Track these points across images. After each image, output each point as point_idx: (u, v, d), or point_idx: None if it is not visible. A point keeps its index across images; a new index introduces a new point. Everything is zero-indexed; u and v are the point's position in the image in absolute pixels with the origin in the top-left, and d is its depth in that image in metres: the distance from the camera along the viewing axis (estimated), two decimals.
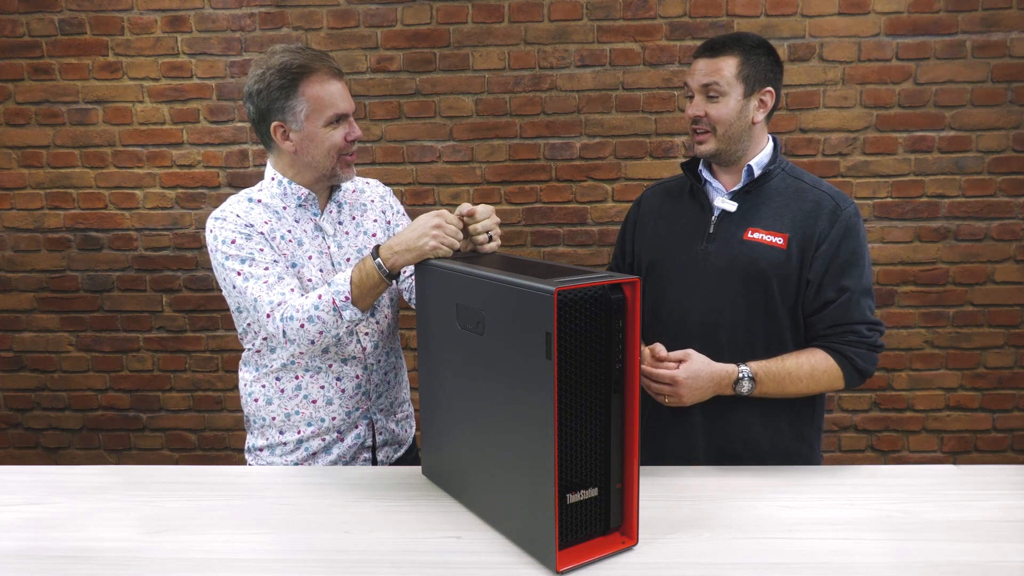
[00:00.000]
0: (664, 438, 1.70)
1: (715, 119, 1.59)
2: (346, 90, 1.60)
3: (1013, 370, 2.97)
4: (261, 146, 2.96)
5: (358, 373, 1.69)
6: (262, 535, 1.28)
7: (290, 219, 1.65)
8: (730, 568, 1.15)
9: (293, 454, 1.70)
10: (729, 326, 1.61)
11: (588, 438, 1.16)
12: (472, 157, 2.97)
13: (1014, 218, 2.89)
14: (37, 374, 3.18)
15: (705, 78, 1.60)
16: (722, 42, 1.61)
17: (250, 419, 1.74)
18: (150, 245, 3.07)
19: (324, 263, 1.66)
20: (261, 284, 1.55)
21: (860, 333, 1.57)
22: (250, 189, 1.68)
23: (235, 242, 1.57)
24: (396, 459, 1.80)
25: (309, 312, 1.50)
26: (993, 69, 2.81)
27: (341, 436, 1.70)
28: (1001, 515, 1.30)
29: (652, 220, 1.77)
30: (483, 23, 2.88)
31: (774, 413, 1.63)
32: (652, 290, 1.72)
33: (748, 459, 1.62)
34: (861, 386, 2.95)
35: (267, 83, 1.55)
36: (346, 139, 1.60)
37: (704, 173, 1.70)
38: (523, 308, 1.12)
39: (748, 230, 1.61)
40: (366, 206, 1.77)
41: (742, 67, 1.59)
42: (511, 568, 1.17)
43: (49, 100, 3.00)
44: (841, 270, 1.57)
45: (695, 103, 1.62)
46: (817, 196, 1.61)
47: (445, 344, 1.37)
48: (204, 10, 2.92)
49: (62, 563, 1.21)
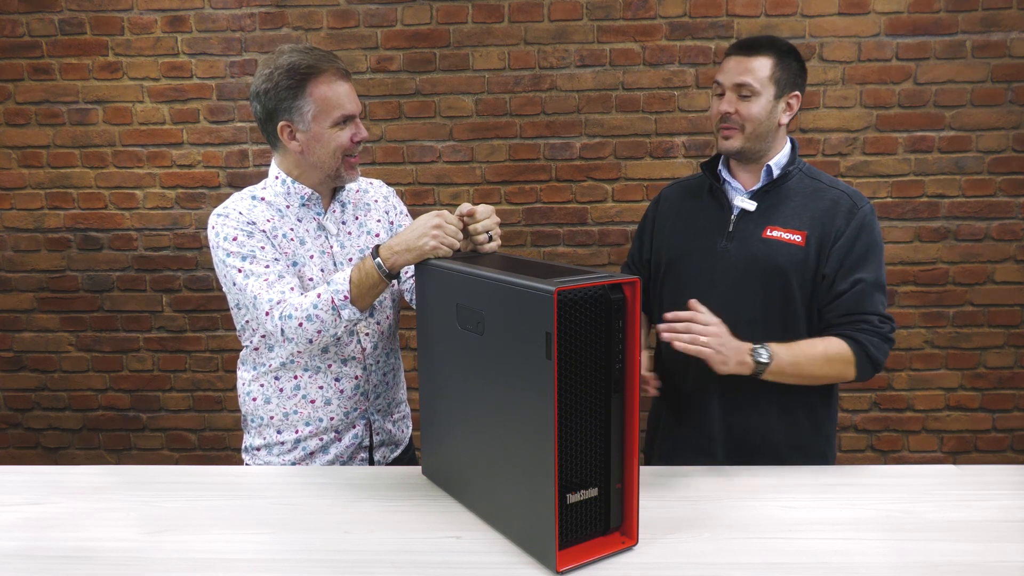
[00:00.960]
0: (682, 430, 1.72)
1: (745, 117, 1.62)
2: (353, 91, 1.60)
3: (1013, 370, 2.97)
4: (261, 146, 2.96)
5: (357, 373, 1.69)
6: (262, 535, 1.28)
7: (293, 218, 1.65)
8: (730, 568, 1.15)
9: (291, 454, 1.70)
10: (748, 323, 1.61)
11: (588, 438, 1.16)
12: (472, 157, 2.97)
13: (1014, 218, 2.89)
14: (37, 374, 3.18)
15: (740, 76, 1.62)
16: (758, 43, 1.64)
17: (247, 418, 1.74)
18: (150, 245, 3.07)
19: (326, 262, 1.66)
20: (261, 282, 1.55)
21: (872, 323, 1.59)
22: (254, 187, 1.68)
23: (236, 239, 1.57)
24: (393, 459, 1.80)
25: (308, 311, 1.50)
26: (993, 69, 2.81)
27: (339, 436, 1.70)
28: (1001, 515, 1.30)
29: (671, 218, 1.79)
30: (483, 23, 2.88)
31: (792, 406, 1.64)
32: (671, 287, 1.75)
33: (766, 452, 1.63)
34: (861, 386, 2.98)
35: (275, 83, 1.54)
36: (352, 140, 1.60)
37: (723, 173, 1.72)
38: (523, 308, 1.12)
39: (767, 228, 1.64)
40: (369, 206, 1.77)
41: (775, 69, 1.62)
42: (511, 568, 1.17)
43: (49, 100, 3.00)
44: (855, 264, 1.60)
45: (727, 99, 1.64)
46: (835, 195, 1.64)
47: (445, 344, 1.37)
48: (204, 10, 2.92)
49: (62, 563, 1.21)
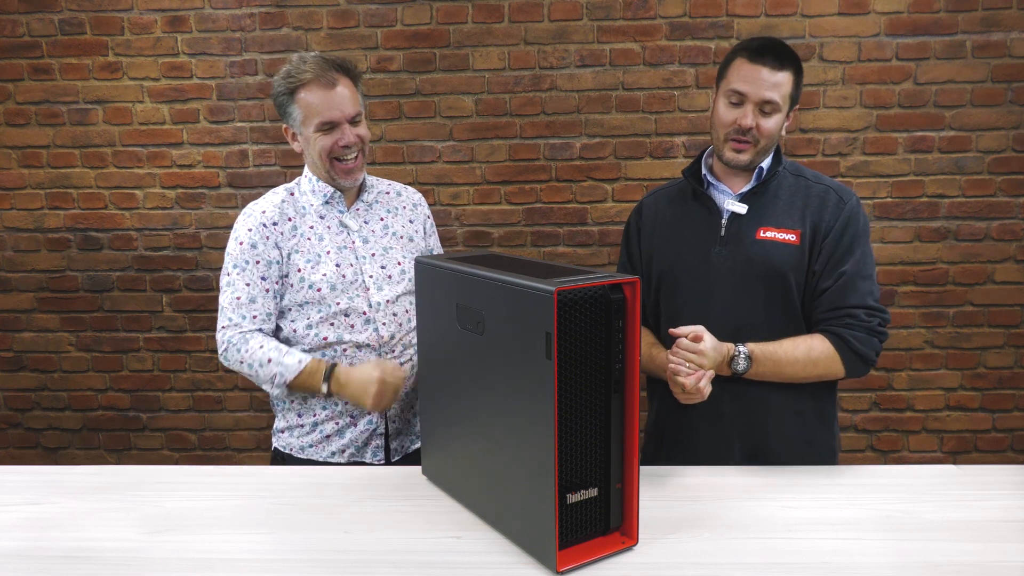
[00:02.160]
0: (697, 440, 1.68)
1: (764, 133, 1.57)
2: (344, 98, 1.68)
3: (1013, 370, 2.97)
4: (261, 146, 2.98)
5: (371, 359, 1.73)
6: (262, 535, 1.28)
7: (315, 215, 1.77)
8: (730, 568, 1.15)
9: (309, 436, 1.77)
10: (750, 327, 1.61)
11: (588, 438, 1.16)
12: (472, 157, 2.97)
13: (1014, 218, 2.89)
14: (37, 374, 3.18)
15: (768, 92, 1.55)
16: (785, 54, 1.56)
17: (274, 401, 1.83)
18: (150, 245, 3.07)
19: (346, 257, 1.75)
20: (233, 297, 1.70)
21: (857, 317, 1.57)
22: (290, 183, 1.84)
23: (243, 243, 1.72)
24: (414, 450, 1.83)
25: (253, 361, 1.68)
26: (993, 69, 2.81)
27: (354, 421, 1.76)
28: (1001, 515, 1.30)
29: (658, 228, 1.75)
30: (483, 23, 2.88)
31: (801, 406, 1.64)
32: (668, 298, 1.71)
33: (781, 452, 1.63)
34: (861, 386, 2.99)
35: (275, 89, 1.71)
36: (337, 145, 1.69)
37: (708, 177, 1.69)
38: (523, 308, 1.12)
39: (760, 229, 1.62)
40: (398, 210, 1.88)
41: (794, 86, 1.58)
42: (511, 568, 1.17)
43: (49, 100, 3.00)
44: (840, 257, 1.59)
45: (747, 112, 1.56)
46: (820, 190, 1.63)
47: (445, 344, 1.37)
48: (204, 10, 2.92)
49: (62, 563, 1.21)
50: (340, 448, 1.76)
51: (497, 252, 1.55)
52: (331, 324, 1.72)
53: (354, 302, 1.73)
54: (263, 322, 1.71)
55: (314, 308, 1.72)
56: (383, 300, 1.75)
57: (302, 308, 1.73)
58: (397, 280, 1.78)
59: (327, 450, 1.77)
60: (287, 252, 1.72)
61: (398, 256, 1.80)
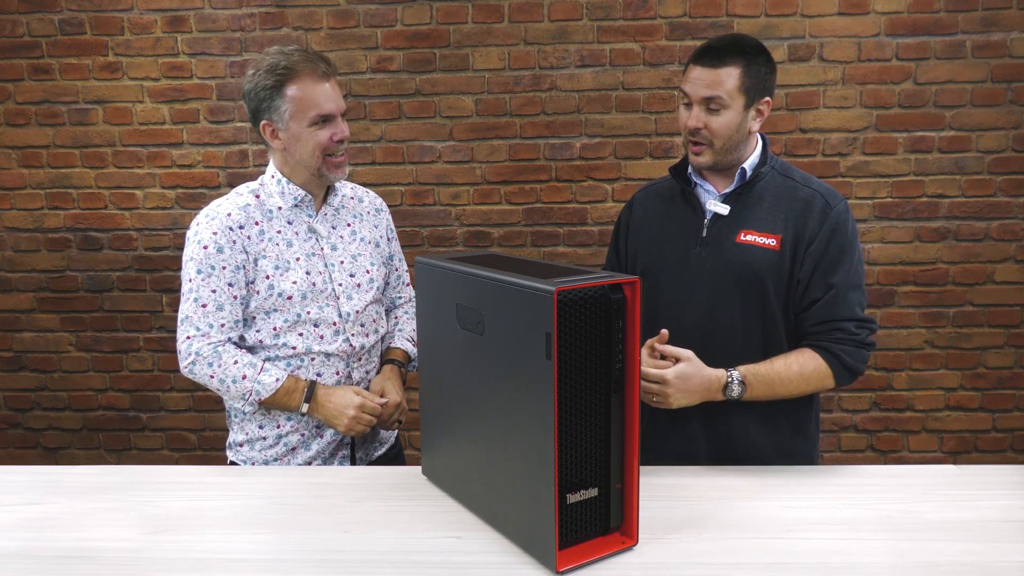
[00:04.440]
0: (664, 443, 1.68)
1: (715, 132, 1.55)
2: (334, 91, 1.64)
3: (1013, 370, 2.97)
4: (261, 146, 2.97)
5: (339, 369, 1.71)
6: (262, 535, 1.28)
7: (283, 220, 1.69)
8: (730, 568, 1.15)
9: (272, 449, 1.71)
10: (725, 329, 1.60)
11: (588, 438, 1.15)
12: (472, 157, 2.97)
13: (1014, 218, 2.89)
14: (37, 374, 3.18)
15: (707, 91, 1.53)
16: (723, 49, 1.54)
17: (231, 413, 1.76)
18: (150, 245, 3.07)
19: (315, 264, 1.69)
20: (199, 306, 1.62)
21: (848, 330, 1.55)
22: (253, 183, 1.73)
23: (207, 247, 1.63)
24: (376, 458, 1.81)
25: (225, 375, 1.61)
26: (993, 69, 2.81)
27: (320, 432, 1.72)
28: (1001, 515, 1.30)
29: (645, 224, 1.75)
30: (483, 23, 2.88)
31: (772, 411, 1.62)
32: (648, 294, 1.70)
33: (749, 459, 1.62)
34: (861, 386, 2.99)
35: (256, 83, 1.62)
36: (332, 139, 1.63)
37: (694, 176, 1.68)
38: (523, 308, 1.12)
39: (741, 232, 1.60)
40: (363, 215, 1.81)
41: (744, 78, 1.53)
42: (511, 568, 1.17)
43: (49, 100, 3.00)
44: (829, 267, 1.56)
45: (694, 114, 1.56)
46: (807, 194, 1.59)
47: (445, 344, 1.37)
48: (204, 10, 2.92)
49: (62, 563, 1.21)
50: (306, 460, 1.71)
51: (497, 252, 1.54)
52: (300, 334, 1.66)
53: (323, 312, 1.67)
54: (231, 330, 1.63)
55: (280, 316, 1.65)
56: (352, 310, 1.70)
57: (268, 316, 1.66)
58: (366, 289, 1.74)
59: (291, 463, 1.71)
60: (254, 257, 1.64)
61: (366, 264, 1.76)
